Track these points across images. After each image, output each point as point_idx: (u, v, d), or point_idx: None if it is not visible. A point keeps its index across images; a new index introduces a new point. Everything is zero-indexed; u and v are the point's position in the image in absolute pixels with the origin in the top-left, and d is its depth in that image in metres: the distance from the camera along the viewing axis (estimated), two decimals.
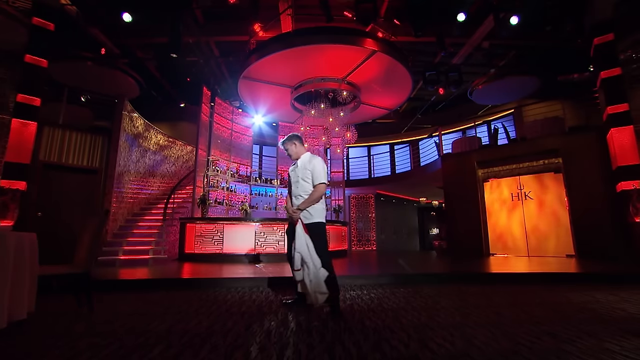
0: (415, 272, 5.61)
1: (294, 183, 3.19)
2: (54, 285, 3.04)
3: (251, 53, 7.64)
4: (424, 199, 15.87)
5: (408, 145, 14.91)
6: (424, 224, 16.94)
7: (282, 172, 11.58)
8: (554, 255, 7.82)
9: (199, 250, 7.77)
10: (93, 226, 3.36)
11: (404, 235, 15.52)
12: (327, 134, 9.51)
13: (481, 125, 12.92)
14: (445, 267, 6.87)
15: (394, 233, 14.95)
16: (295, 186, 3.18)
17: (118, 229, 7.67)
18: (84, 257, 3.26)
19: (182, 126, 12.58)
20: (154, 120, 10.33)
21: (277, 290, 4.21)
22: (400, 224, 15.46)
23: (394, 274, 5.20)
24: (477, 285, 4.56)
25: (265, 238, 8.07)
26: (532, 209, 8.41)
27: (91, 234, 3.34)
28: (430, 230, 17.17)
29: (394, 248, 14.39)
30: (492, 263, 6.97)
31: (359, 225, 14.07)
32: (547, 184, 8.26)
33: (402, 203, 15.69)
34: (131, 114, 8.36)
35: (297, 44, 6.84)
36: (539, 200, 8.34)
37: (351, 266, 6.92)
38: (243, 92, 8.97)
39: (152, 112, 10.67)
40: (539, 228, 8.21)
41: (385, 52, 7.18)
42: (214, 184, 9.31)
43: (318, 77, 8.24)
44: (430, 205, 16.42)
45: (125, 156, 8.07)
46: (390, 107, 10.13)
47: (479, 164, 9.32)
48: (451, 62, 9.56)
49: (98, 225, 3.37)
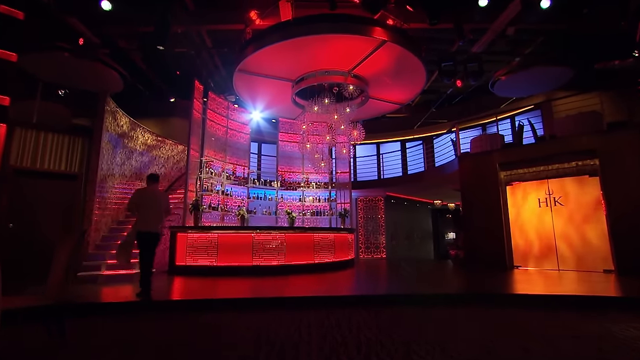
0: (431, 292, 5.44)
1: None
2: (20, 321, 2.90)
3: (247, 44, 7.50)
4: (438, 202, 15.64)
5: (421, 142, 14.68)
6: (438, 227, 16.74)
7: (282, 173, 11.46)
8: (589, 270, 7.58)
9: (191, 263, 7.71)
10: (67, 249, 3.23)
11: (416, 241, 15.34)
12: (331, 133, 9.34)
13: (504, 121, 12.63)
14: (462, 283, 6.72)
15: (406, 238, 14.78)
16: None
17: (101, 239, 7.58)
18: (56, 285, 3.14)
19: (173, 123, 12.45)
20: (141, 116, 10.20)
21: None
22: (413, 228, 15.28)
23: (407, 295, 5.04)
24: (500, 307, 4.38)
25: (264, 248, 8.00)
26: (562, 216, 8.17)
27: (65, 258, 3.21)
28: (445, 234, 16.96)
29: (406, 255, 14.21)
30: (517, 279, 6.79)
31: (367, 230, 13.90)
32: (580, 189, 8.01)
33: (414, 205, 15.50)
34: (114, 111, 8.24)
35: (298, 34, 6.72)
36: (570, 206, 8.10)
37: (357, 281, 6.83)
38: (239, 86, 8.84)
39: (139, 108, 10.55)
40: (571, 238, 7.97)
41: (396, 42, 7.01)
42: (208, 187, 9.20)
43: (321, 69, 8.12)
44: (445, 208, 16.20)
45: (109, 159, 7.96)
46: (401, 101, 9.96)
47: (502, 166, 9.09)
48: (470, 50, 9.30)
49: (73, 248, 3.24)
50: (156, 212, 5.07)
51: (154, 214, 5.04)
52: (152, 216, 5.02)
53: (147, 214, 4.99)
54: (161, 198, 5.23)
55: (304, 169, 11.59)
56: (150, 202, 5.05)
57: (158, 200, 5.13)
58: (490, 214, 8.99)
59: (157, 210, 5.08)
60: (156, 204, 5.08)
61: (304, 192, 11.35)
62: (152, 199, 5.09)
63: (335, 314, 4.02)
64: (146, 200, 5.04)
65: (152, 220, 5.01)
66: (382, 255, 13.54)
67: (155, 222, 5.04)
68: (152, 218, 5.01)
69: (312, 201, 11.38)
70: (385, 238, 13.67)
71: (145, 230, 4.95)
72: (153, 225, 5.01)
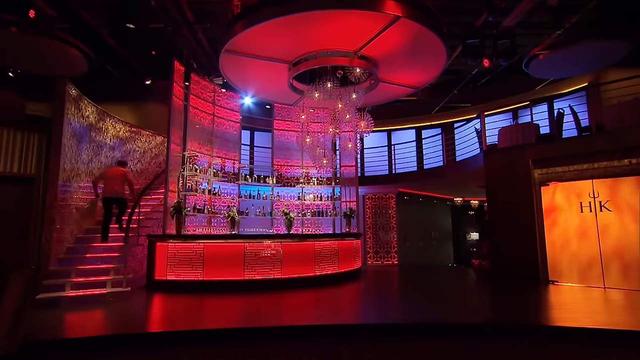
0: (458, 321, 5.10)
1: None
2: None
3: (235, 19, 7.09)
4: (459, 200, 15.30)
5: (440, 129, 14.23)
6: (459, 227, 16.46)
7: (278, 167, 11.13)
8: None
9: (172, 277, 7.47)
10: (16, 291, 2.98)
11: (433, 243, 15.07)
12: (335, 124, 8.96)
13: (539, 104, 12.11)
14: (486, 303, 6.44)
15: (420, 239, 14.51)
16: None
17: (65, 252, 7.31)
18: (4, 335, 2.88)
19: (149, 108, 12.10)
20: (112, 101, 9.88)
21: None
22: (429, 227, 15.00)
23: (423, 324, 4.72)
24: (538, 340, 4.06)
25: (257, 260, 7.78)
26: (610, 224, 7.76)
27: (13, 303, 2.96)
28: (467, 234, 16.68)
29: (420, 261, 13.95)
30: (555, 300, 6.51)
31: (376, 232, 13.62)
32: (633, 193, 7.58)
33: (431, 202, 15.19)
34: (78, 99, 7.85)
35: (297, 9, 6.31)
36: (620, 213, 7.68)
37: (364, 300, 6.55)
38: (226, 69, 8.55)
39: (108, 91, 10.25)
40: (620, 250, 7.59)
41: (412, 18, 6.60)
42: (192, 186, 8.90)
43: (323, 50, 7.75)
44: (467, 204, 15.88)
45: (73, 156, 7.64)
46: (417, 84, 9.62)
47: (536, 163, 8.71)
48: (501, 24, 8.75)
49: (23, 294, 2.98)
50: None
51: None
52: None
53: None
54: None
55: (304, 162, 11.24)
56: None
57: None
58: (521, 220, 8.67)
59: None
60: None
61: (303, 188, 11.04)
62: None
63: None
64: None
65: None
66: (393, 262, 13.28)
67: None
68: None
69: (313, 199, 11.07)
70: (397, 241, 13.38)
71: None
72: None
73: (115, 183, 7.66)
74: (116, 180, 7.71)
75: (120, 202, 7.72)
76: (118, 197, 7.67)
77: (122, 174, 7.89)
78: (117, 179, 7.73)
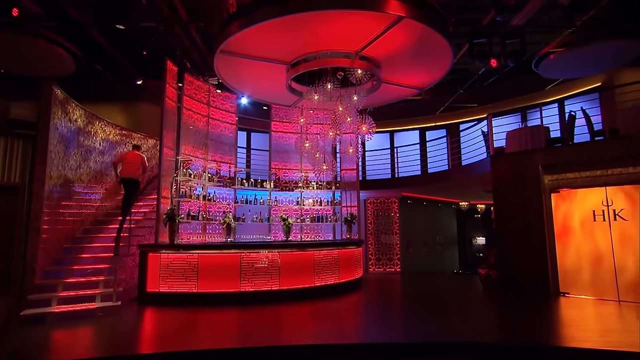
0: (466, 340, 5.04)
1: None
2: None
3: (231, 19, 6.98)
4: (465, 204, 15.24)
5: (445, 131, 14.14)
6: (465, 231, 16.40)
7: (276, 171, 11.06)
8: None
9: (165, 289, 7.41)
10: None
11: (437, 248, 15.01)
12: (335, 129, 8.87)
13: (549, 105, 12.03)
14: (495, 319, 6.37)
15: (424, 245, 14.44)
16: None
17: (52, 263, 7.20)
18: None
19: (141, 108, 12.02)
20: (101, 101, 9.81)
21: None
22: (433, 232, 14.93)
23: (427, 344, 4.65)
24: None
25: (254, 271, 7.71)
26: (625, 233, 7.66)
27: None
28: (473, 239, 16.63)
29: (424, 267, 13.87)
30: (568, 314, 6.46)
31: (378, 238, 13.55)
32: None
33: (435, 205, 15.12)
34: (65, 102, 7.76)
35: (296, 10, 6.20)
36: (636, 221, 7.58)
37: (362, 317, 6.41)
38: (221, 70, 8.44)
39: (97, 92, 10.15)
40: (636, 261, 7.51)
41: (416, 19, 6.49)
42: (186, 192, 8.85)
43: (323, 51, 7.66)
44: (474, 208, 15.82)
45: (60, 163, 7.54)
46: (421, 85, 9.52)
47: (546, 168, 8.63)
48: (509, 22, 8.66)
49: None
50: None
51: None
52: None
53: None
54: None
55: (303, 165, 11.16)
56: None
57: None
58: (530, 228, 8.61)
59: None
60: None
61: (302, 193, 10.99)
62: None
63: None
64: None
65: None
66: (395, 269, 13.20)
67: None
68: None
69: (313, 204, 11.02)
70: (400, 247, 13.32)
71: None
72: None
73: (133, 165, 8.82)
74: (135, 163, 8.86)
75: (135, 182, 8.83)
76: (135, 178, 8.81)
77: (140, 158, 9.01)
78: (135, 162, 8.89)
